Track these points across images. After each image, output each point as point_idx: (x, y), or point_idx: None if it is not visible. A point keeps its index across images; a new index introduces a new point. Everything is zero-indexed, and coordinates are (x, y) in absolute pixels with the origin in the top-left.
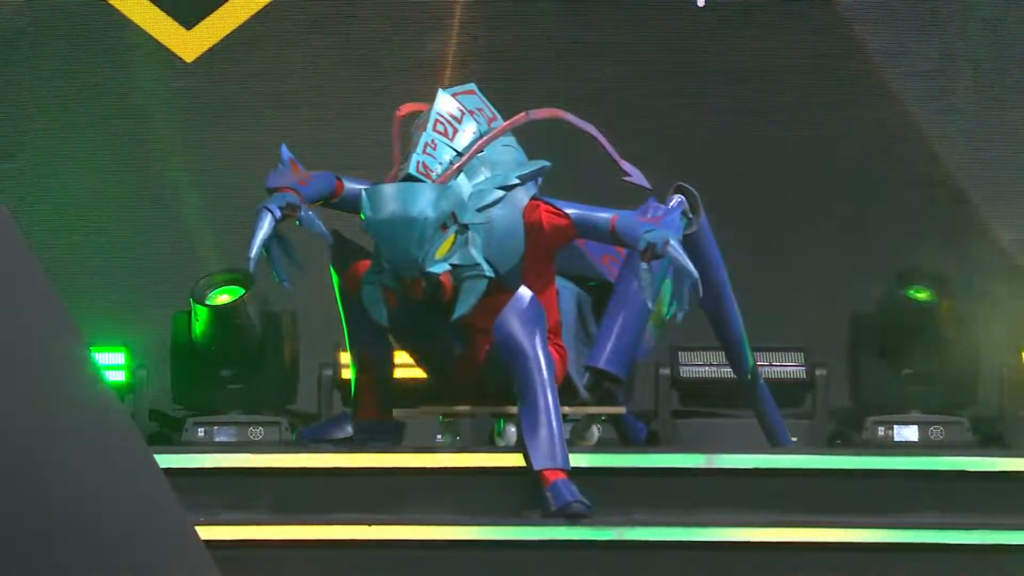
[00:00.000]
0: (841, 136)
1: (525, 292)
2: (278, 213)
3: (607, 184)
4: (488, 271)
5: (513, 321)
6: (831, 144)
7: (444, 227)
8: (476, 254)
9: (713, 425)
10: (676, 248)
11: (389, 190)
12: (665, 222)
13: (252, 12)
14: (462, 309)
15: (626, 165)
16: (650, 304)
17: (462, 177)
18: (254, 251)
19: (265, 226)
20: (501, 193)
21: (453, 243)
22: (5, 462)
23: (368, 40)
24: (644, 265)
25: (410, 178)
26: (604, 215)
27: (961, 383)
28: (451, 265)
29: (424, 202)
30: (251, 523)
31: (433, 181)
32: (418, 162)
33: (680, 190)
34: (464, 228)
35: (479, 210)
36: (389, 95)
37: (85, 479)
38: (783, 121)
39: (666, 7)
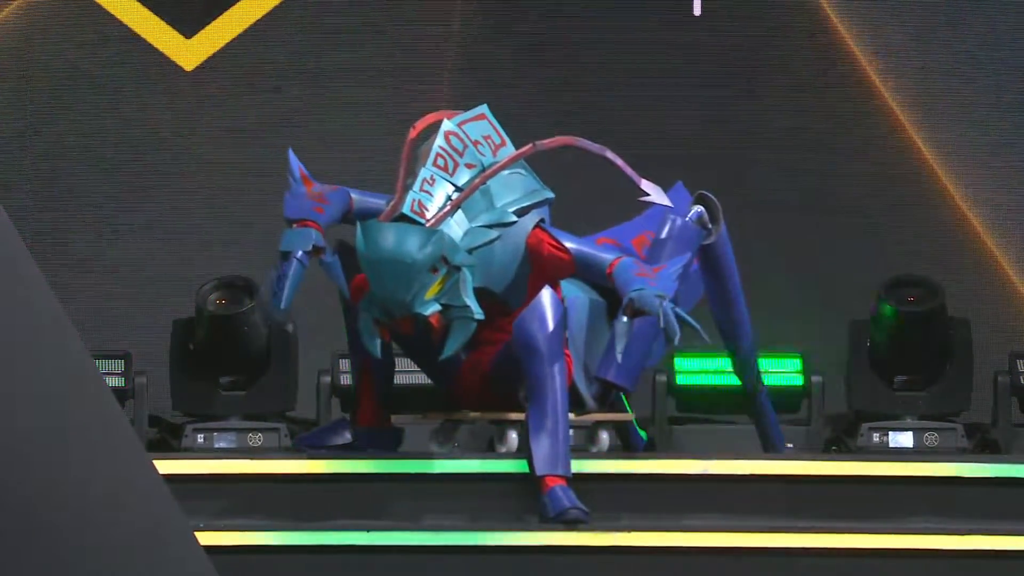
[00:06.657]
0: (839, 143)
1: (548, 293)
2: (306, 261)
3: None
4: (478, 313)
5: (534, 320)
6: (829, 151)
7: (434, 269)
8: (466, 295)
9: (709, 432)
10: (665, 308)
11: (382, 229)
12: (662, 275)
13: (252, 21)
14: (450, 349)
15: (645, 184)
16: (618, 356)
17: (459, 215)
18: (285, 303)
19: (297, 277)
20: (495, 234)
21: (444, 283)
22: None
23: (369, 49)
24: (623, 317)
25: (405, 217)
26: (605, 257)
27: (955, 390)
28: (441, 305)
29: (413, 246)
30: (250, 529)
31: (426, 222)
32: (414, 200)
33: (701, 200)
34: (456, 268)
35: (471, 251)
36: (391, 104)
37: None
38: (779, 128)
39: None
